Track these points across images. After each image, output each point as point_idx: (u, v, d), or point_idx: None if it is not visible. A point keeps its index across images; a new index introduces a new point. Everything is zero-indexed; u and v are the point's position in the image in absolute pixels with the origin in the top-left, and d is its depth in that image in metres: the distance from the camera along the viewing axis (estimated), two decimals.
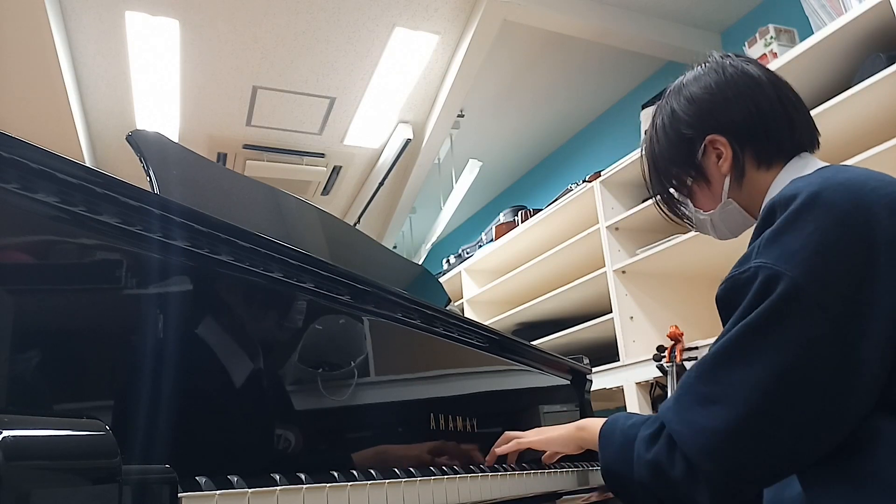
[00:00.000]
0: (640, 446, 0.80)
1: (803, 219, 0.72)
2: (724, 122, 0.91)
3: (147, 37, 3.03)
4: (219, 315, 0.66)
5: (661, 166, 0.99)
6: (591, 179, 2.73)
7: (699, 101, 0.93)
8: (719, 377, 0.73)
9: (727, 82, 0.92)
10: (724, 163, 0.91)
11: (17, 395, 0.46)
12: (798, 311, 0.69)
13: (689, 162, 0.94)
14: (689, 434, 0.73)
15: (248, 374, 0.67)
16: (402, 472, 0.73)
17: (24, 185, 0.50)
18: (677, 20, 3.27)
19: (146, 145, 0.83)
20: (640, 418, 0.86)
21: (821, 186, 0.74)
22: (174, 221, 0.61)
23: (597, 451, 0.92)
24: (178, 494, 0.46)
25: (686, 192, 0.98)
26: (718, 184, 0.93)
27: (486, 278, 3.54)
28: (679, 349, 2.14)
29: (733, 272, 0.77)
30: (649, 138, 1.01)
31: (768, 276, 0.71)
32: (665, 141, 0.97)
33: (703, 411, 0.72)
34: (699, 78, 0.96)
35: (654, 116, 1.01)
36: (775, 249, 0.72)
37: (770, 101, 0.90)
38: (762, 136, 0.90)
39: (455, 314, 1.07)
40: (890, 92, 1.70)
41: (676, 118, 0.95)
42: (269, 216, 1.05)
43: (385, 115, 3.76)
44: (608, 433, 0.90)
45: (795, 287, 0.69)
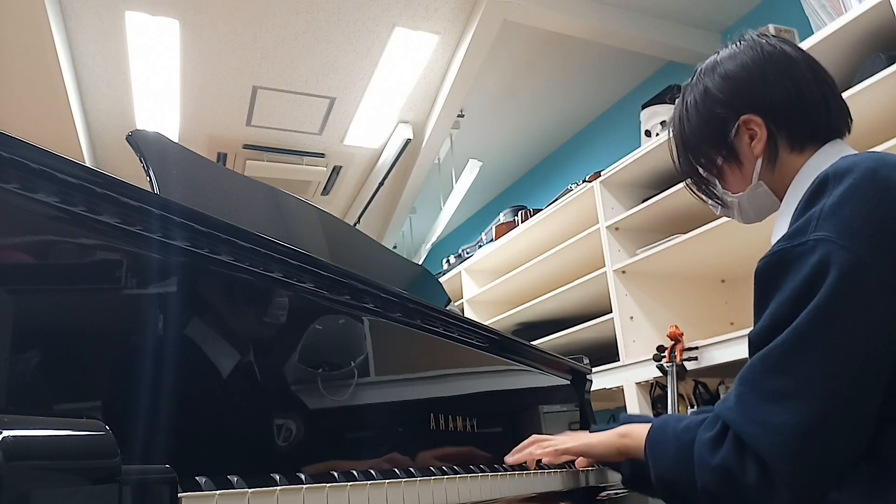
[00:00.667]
0: (702, 451, 0.73)
1: (863, 194, 0.69)
2: (761, 101, 0.88)
3: (147, 37, 3.03)
4: (219, 315, 0.66)
5: (691, 145, 0.95)
6: (591, 179, 2.73)
7: (735, 78, 0.90)
8: (789, 369, 0.67)
9: (765, 60, 0.89)
10: (757, 144, 0.88)
11: (17, 395, 0.46)
12: (866, 291, 0.66)
13: (721, 141, 0.91)
14: (763, 434, 0.67)
15: (247, 373, 0.67)
16: (402, 472, 0.73)
17: (24, 185, 0.50)
18: (677, 20, 3.27)
19: (146, 145, 0.83)
20: (694, 420, 0.79)
21: (877, 164, 0.71)
22: (174, 221, 0.61)
23: (641, 458, 0.86)
24: (178, 494, 0.46)
25: (716, 172, 0.94)
26: (750, 165, 0.90)
27: (486, 278, 3.54)
28: (679, 349, 2.14)
29: (784, 244, 0.73)
30: (678, 116, 0.97)
31: (829, 250, 0.67)
32: (697, 118, 0.93)
33: (776, 408, 0.67)
34: (735, 55, 0.92)
35: (683, 95, 0.98)
36: (836, 223, 0.68)
37: (808, 82, 0.87)
38: (798, 118, 0.87)
39: (455, 314, 1.07)
40: (890, 92, 1.70)
41: (710, 96, 0.92)
42: (269, 216, 1.05)
43: (385, 115, 3.76)
44: (658, 439, 0.83)
45: (861, 264, 0.66)
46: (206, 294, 0.65)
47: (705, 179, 0.96)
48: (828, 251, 0.67)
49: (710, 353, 2.13)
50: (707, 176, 0.96)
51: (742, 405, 0.70)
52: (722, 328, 2.49)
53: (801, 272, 0.69)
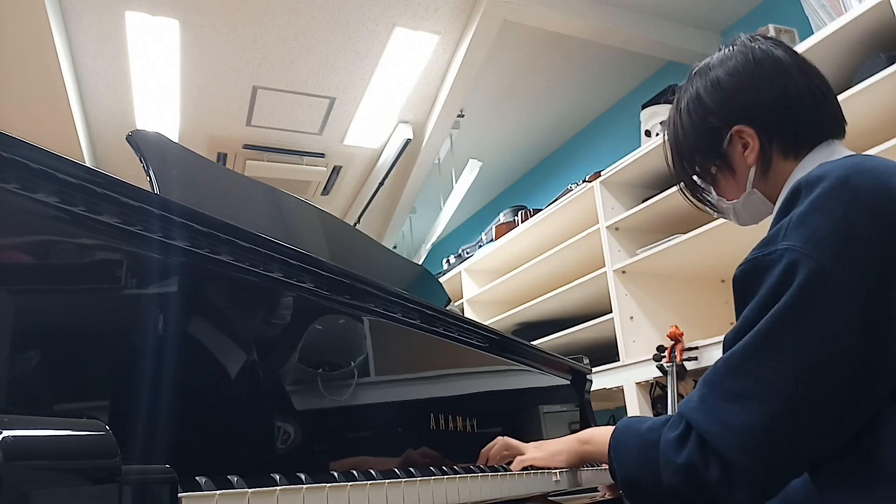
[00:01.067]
0: (667, 450, 0.75)
1: (831, 202, 0.70)
2: (751, 110, 0.88)
3: (147, 37, 3.03)
4: (219, 315, 0.66)
5: (684, 153, 0.96)
6: (591, 179, 2.73)
7: (725, 87, 0.90)
8: (749, 371, 0.70)
9: (755, 67, 0.89)
10: (750, 154, 0.88)
11: (17, 395, 0.46)
12: (827, 297, 0.68)
13: (715, 151, 0.91)
14: (723, 433, 0.70)
15: (247, 374, 0.67)
16: (402, 472, 0.73)
17: (24, 185, 0.50)
18: (677, 20, 3.27)
19: (146, 145, 0.83)
20: (657, 421, 0.81)
21: (849, 171, 0.72)
22: (174, 221, 0.61)
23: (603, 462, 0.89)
24: (178, 494, 0.46)
25: (710, 180, 0.95)
26: (743, 174, 0.91)
27: (486, 278, 3.54)
28: (679, 349, 2.14)
29: (756, 253, 0.75)
30: (673, 123, 0.98)
31: (795, 259, 0.69)
32: (690, 128, 0.94)
33: (735, 408, 0.70)
34: (725, 61, 0.92)
35: (678, 98, 0.98)
36: (803, 232, 0.70)
37: (798, 89, 0.87)
38: (790, 126, 0.87)
39: (455, 314, 1.07)
40: (890, 92, 1.70)
41: (702, 105, 0.92)
42: (269, 216, 1.05)
43: (385, 115, 3.76)
44: (621, 441, 0.85)
45: (823, 273, 0.68)
46: (205, 294, 0.65)
47: (700, 186, 0.97)
48: (793, 259, 0.69)
49: (710, 353, 2.13)
50: (701, 183, 0.97)
51: (704, 405, 0.73)
52: (722, 328, 2.48)
53: (769, 280, 0.71)
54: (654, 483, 0.77)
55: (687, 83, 0.96)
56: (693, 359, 2.14)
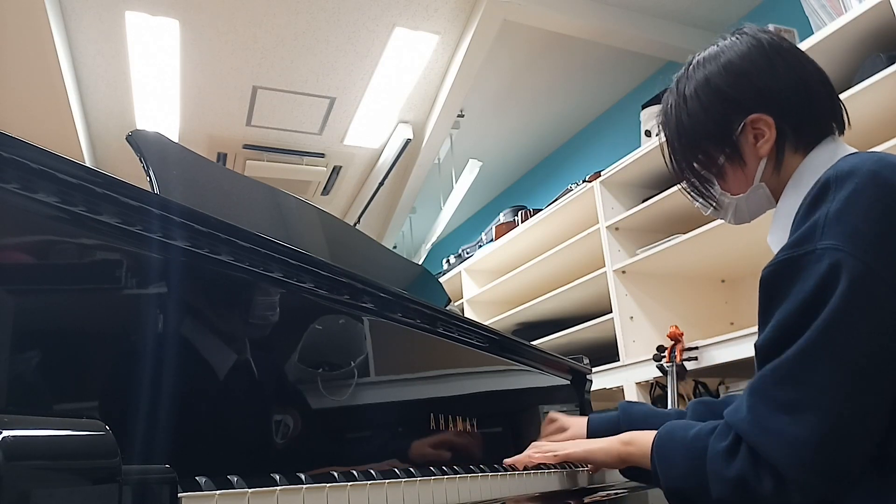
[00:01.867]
0: (716, 462, 0.73)
1: (868, 199, 0.68)
2: (772, 96, 0.83)
3: (147, 37, 3.03)
4: (219, 315, 0.66)
5: (688, 140, 0.89)
6: (591, 179, 2.73)
7: (742, 71, 0.84)
8: (801, 380, 0.67)
9: (773, 53, 0.84)
10: (764, 144, 0.83)
11: (17, 395, 0.46)
12: (876, 298, 0.65)
13: (726, 139, 0.85)
14: (777, 445, 0.67)
15: (247, 374, 0.67)
16: (402, 472, 0.73)
17: (24, 185, 0.50)
18: (677, 20, 3.27)
19: (146, 145, 0.83)
20: (703, 428, 0.78)
21: (878, 166, 0.70)
22: (174, 221, 0.61)
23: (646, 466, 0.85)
24: (178, 494, 0.46)
25: (715, 171, 0.89)
26: (753, 166, 0.85)
27: (486, 278, 3.54)
28: (679, 349, 2.14)
29: (789, 252, 0.71)
30: (674, 110, 0.91)
31: (838, 259, 0.66)
32: (700, 113, 0.87)
33: (789, 419, 0.67)
34: (735, 46, 0.86)
35: (677, 87, 0.91)
36: (844, 230, 0.67)
37: (813, 76, 0.84)
38: (808, 115, 0.83)
39: (455, 314, 1.07)
40: (890, 92, 1.70)
41: (714, 88, 0.85)
42: (269, 216, 1.05)
43: (385, 115, 3.76)
44: (665, 448, 0.82)
45: (871, 273, 0.65)
46: (206, 294, 0.65)
47: (703, 178, 0.91)
48: (837, 260, 0.66)
49: (710, 353, 2.13)
50: (705, 174, 0.90)
51: (755, 416, 0.70)
52: (722, 328, 2.49)
53: (810, 280, 0.68)
54: (700, 493, 0.75)
55: (687, 71, 0.91)
56: (693, 359, 2.14)
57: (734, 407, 0.74)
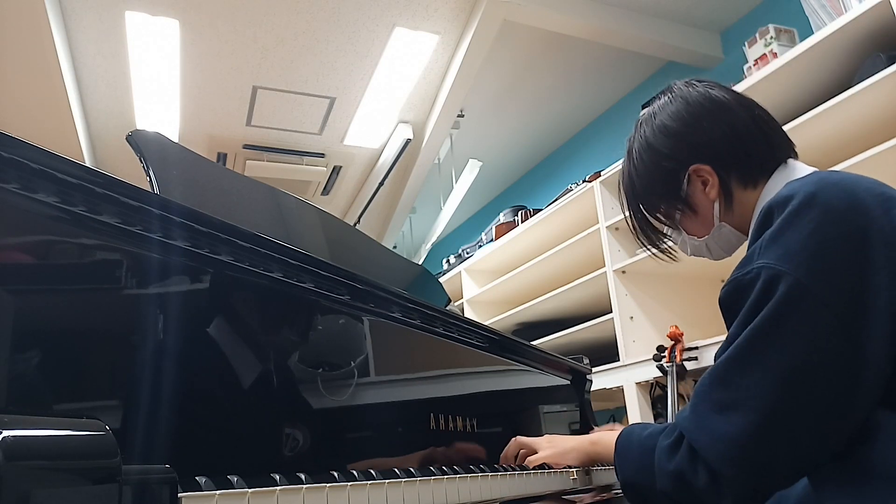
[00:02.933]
0: (660, 457, 0.80)
1: (801, 219, 0.73)
2: (703, 148, 0.91)
3: (147, 37, 3.03)
4: (219, 315, 0.66)
5: (645, 201, 0.99)
6: (591, 179, 2.73)
7: (674, 131, 0.93)
8: (733, 382, 0.73)
9: (698, 109, 0.92)
10: (711, 189, 0.91)
11: (17, 395, 0.46)
12: (804, 309, 0.70)
13: (675, 194, 0.94)
14: (709, 442, 0.73)
15: (247, 374, 0.67)
16: (402, 472, 0.73)
17: (24, 185, 0.50)
18: (677, 20, 3.27)
19: (146, 145, 0.83)
20: (657, 428, 0.86)
21: (816, 187, 0.75)
22: (174, 221, 0.61)
23: (612, 464, 0.93)
24: (178, 494, 0.46)
25: (673, 224, 0.98)
26: (708, 210, 0.93)
27: (486, 278, 3.54)
28: (679, 349, 2.14)
29: (735, 274, 0.78)
30: (628, 174, 1.01)
31: (771, 276, 0.72)
32: (646, 174, 0.96)
33: (721, 418, 0.73)
34: (666, 107, 0.95)
35: (628, 149, 1.00)
36: (777, 250, 0.73)
37: (743, 122, 0.91)
38: (743, 158, 0.90)
39: (455, 314, 1.07)
40: (890, 92, 1.70)
41: (654, 150, 0.95)
42: (269, 216, 1.05)
43: (385, 115, 3.76)
44: (624, 446, 0.90)
45: (799, 286, 0.70)
46: (205, 294, 0.65)
47: (665, 234, 1.01)
48: (769, 276, 0.72)
49: (710, 353, 2.12)
50: (668, 230, 1.00)
51: (694, 415, 0.76)
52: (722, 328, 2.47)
53: (750, 297, 0.74)
54: (649, 487, 0.82)
55: (634, 133, 0.99)
56: (693, 359, 2.14)
57: (684, 408, 0.81)
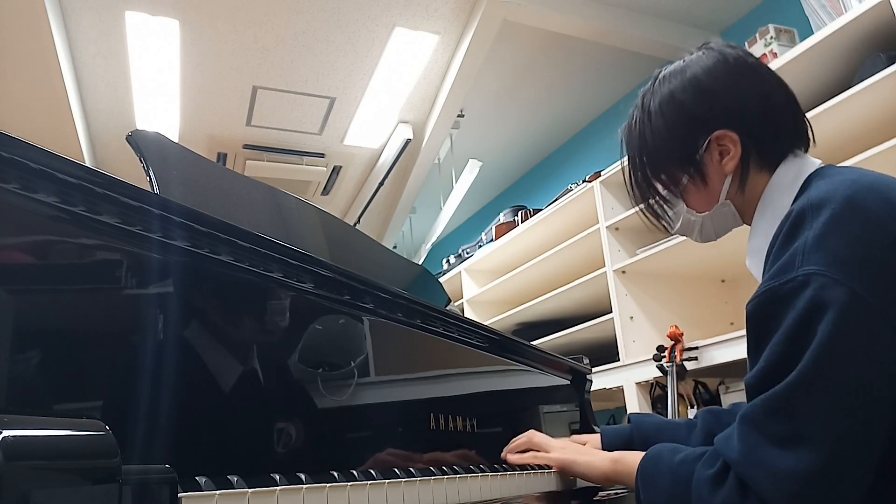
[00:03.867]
0: (701, 488, 0.70)
1: (845, 225, 0.67)
2: (735, 113, 0.82)
3: (147, 37, 3.03)
4: (219, 315, 0.66)
5: (651, 158, 0.88)
6: (591, 179, 2.73)
7: (707, 88, 0.83)
8: (794, 412, 0.64)
9: (737, 69, 0.83)
10: (729, 161, 0.82)
11: (17, 395, 0.46)
12: (866, 324, 0.63)
13: (689, 158, 0.84)
14: (767, 479, 0.64)
15: (247, 374, 0.67)
16: (402, 472, 0.73)
17: (24, 185, 0.50)
18: (677, 20, 3.27)
19: (146, 145, 0.83)
20: (691, 453, 0.76)
21: (851, 190, 0.69)
22: (174, 221, 0.61)
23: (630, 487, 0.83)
24: (178, 494, 0.46)
25: (679, 189, 0.88)
26: (717, 184, 0.85)
27: (486, 278, 3.54)
28: (679, 349, 2.14)
29: (771, 283, 0.70)
30: (637, 127, 0.89)
31: (823, 284, 0.64)
32: (664, 131, 0.86)
33: (781, 452, 0.64)
34: (701, 61, 0.85)
35: (641, 102, 0.90)
36: (825, 256, 0.66)
37: (778, 96, 0.83)
38: (772, 134, 0.82)
39: (455, 314, 1.07)
40: (890, 92, 1.70)
41: (677, 105, 0.84)
42: (269, 216, 1.05)
43: (385, 115, 3.76)
44: (651, 471, 0.79)
45: (857, 297, 0.63)
46: (205, 294, 0.65)
47: (664, 198, 0.90)
48: (820, 285, 0.65)
49: (710, 353, 2.13)
50: (667, 194, 0.89)
51: (745, 447, 0.67)
52: (722, 328, 2.49)
53: (795, 309, 0.66)
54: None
55: (653, 85, 0.89)
56: (693, 359, 2.14)
57: (725, 435, 0.72)
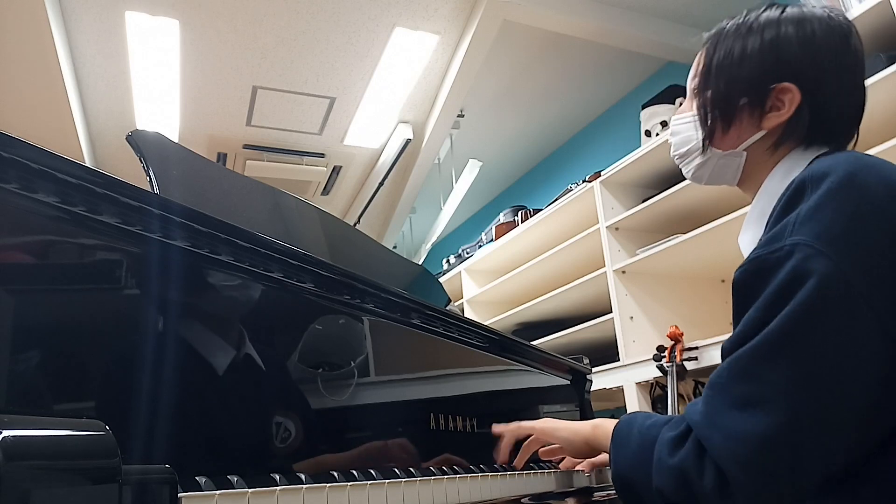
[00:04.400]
0: (661, 449, 0.70)
1: (842, 200, 0.65)
2: (816, 87, 0.80)
3: (147, 37, 3.03)
4: (219, 315, 0.66)
5: (725, 65, 0.85)
6: (591, 179, 2.73)
7: (811, 41, 0.80)
8: (758, 376, 0.64)
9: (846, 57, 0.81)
10: (775, 117, 0.81)
11: (17, 395, 0.46)
12: (845, 300, 0.62)
13: (757, 84, 0.82)
14: (723, 440, 0.64)
15: (247, 374, 0.67)
16: (402, 472, 0.73)
17: (24, 185, 0.50)
18: (677, 20, 3.27)
19: (146, 145, 0.83)
20: (661, 418, 0.76)
21: (854, 167, 0.68)
22: (174, 221, 0.61)
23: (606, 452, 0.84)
24: (178, 494, 0.46)
25: (720, 113, 0.85)
26: (750, 130, 0.83)
27: (486, 278, 3.54)
28: (679, 349, 2.14)
29: (759, 252, 0.69)
30: (733, 33, 0.85)
31: (808, 255, 0.63)
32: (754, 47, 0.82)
33: (740, 415, 0.63)
34: (823, 22, 0.81)
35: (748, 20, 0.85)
36: (814, 227, 0.65)
37: (858, 97, 0.83)
38: (830, 116, 0.81)
39: (455, 314, 1.07)
40: (890, 92, 1.70)
41: (778, 39, 0.81)
42: (269, 216, 1.05)
43: (385, 115, 3.76)
44: (623, 433, 0.80)
45: (840, 272, 0.62)
46: (205, 294, 0.65)
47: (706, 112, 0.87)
48: (805, 255, 0.64)
49: (710, 353, 2.13)
50: (712, 109, 0.86)
51: (707, 409, 0.67)
52: (722, 328, 2.48)
53: (777, 278, 0.65)
54: (644, 483, 0.72)
55: (769, 9, 0.85)
56: (693, 359, 2.14)
57: (694, 400, 0.72)
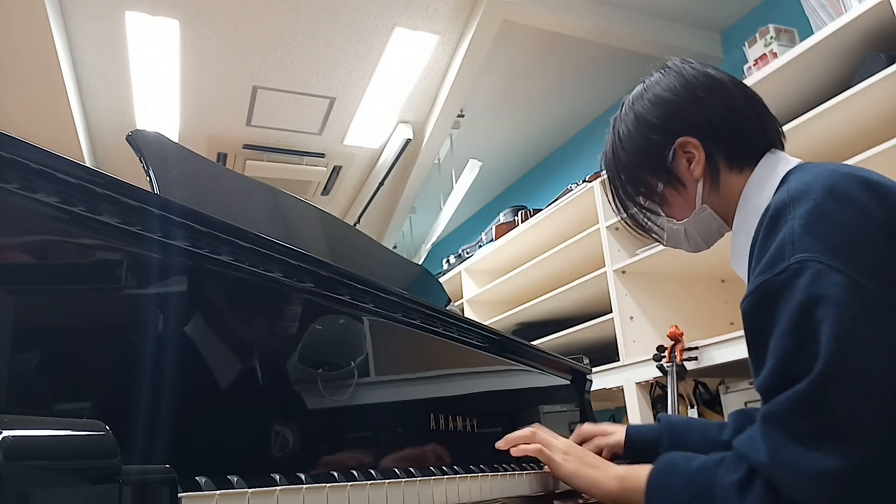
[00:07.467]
0: (726, 495, 0.65)
1: (830, 212, 0.67)
2: (696, 122, 0.87)
3: (147, 37, 3.03)
4: (219, 315, 0.66)
5: (629, 174, 0.94)
6: (591, 179, 2.73)
7: (666, 102, 0.90)
8: (827, 407, 0.60)
9: (694, 83, 0.89)
10: (696, 166, 0.87)
11: (17, 395, 0.46)
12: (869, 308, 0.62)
13: (660, 166, 0.90)
14: (802, 481, 0.60)
15: (247, 374, 0.67)
16: (402, 472, 0.73)
17: (24, 185, 0.50)
18: (677, 20, 3.27)
19: (146, 145, 0.83)
20: (709, 460, 0.72)
21: (831, 180, 0.69)
22: (174, 221, 0.61)
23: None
24: (178, 494, 0.46)
25: (657, 199, 0.92)
26: (692, 189, 0.89)
27: (486, 278, 3.54)
28: (679, 349, 2.14)
29: (763, 276, 0.68)
30: (612, 149, 0.96)
31: (819, 269, 0.63)
32: (631, 146, 0.92)
33: (814, 452, 0.60)
34: (662, 81, 0.92)
35: (613, 127, 0.97)
36: (814, 243, 0.65)
37: (738, 100, 0.88)
38: (735, 136, 0.86)
39: (455, 314, 1.07)
40: (890, 92, 1.70)
41: (643, 121, 0.91)
42: (269, 216, 1.05)
43: (385, 115, 3.76)
44: (663, 482, 0.74)
45: (854, 282, 0.62)
46: (205, 294, 0.65)
47: (646, 209, 0.94)
48: (816, 272, 0.63)
49: (710, 353, 2.13)
50: (649, 205, 0.94)
51: (772, 448, 0.63)
52: (722, 328, 2.49)
53: (793, 299, 0.64)
54: None
55: (623, 110, 0.96)
56: (693, 359, 2.14)
57: (746, 437, 0.68)
